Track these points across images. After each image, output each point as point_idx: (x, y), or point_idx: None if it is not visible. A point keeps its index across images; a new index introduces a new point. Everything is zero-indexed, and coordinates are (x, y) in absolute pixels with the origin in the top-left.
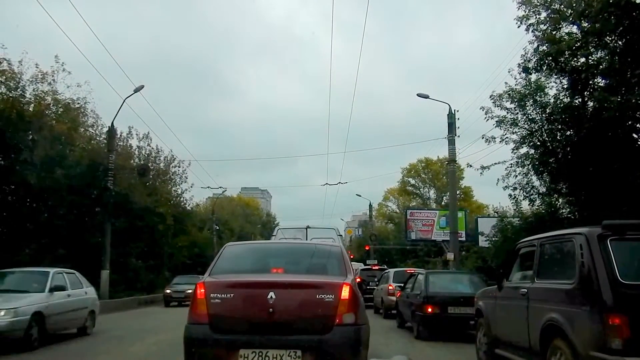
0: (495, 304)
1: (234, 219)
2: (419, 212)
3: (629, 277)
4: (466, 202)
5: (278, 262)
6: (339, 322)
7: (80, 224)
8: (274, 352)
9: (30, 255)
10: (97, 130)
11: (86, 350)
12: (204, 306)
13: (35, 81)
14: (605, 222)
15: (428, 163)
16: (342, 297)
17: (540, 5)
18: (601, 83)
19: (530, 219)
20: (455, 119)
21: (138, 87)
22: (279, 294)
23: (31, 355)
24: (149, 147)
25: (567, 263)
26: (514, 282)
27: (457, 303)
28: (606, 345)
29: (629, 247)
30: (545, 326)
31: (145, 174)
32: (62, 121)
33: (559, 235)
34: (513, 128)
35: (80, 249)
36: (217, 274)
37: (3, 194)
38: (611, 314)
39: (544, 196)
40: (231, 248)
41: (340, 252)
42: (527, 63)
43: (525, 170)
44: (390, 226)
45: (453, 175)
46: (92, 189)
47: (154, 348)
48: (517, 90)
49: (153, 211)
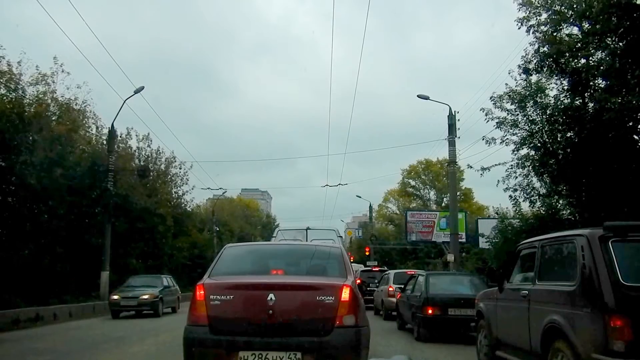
0: (496, 306)
1: (234, 220)
2: (419, 214)
3: (630, 279)
4: (466, 204)
5: (278, 263)
6: (339, 323)
7: (80, 225)
8: (274, 354)
9: (30, 255)
10: (97, 131)
11: (87, 350)
12: (204, 307)
13: (35, 82)
14: (607, 223)
15: (428, 164)
16: (342, 298)
17: (541, 7)
18: (602, 84)
19: (530, 221)
20: (456, 120)
21: (138, 88)
22: (278, 295)
23: None
24: (149, 149)
25: (569, 265)
26: (514, 284)
27: (458, 305)
28: (608, 348)
29: (631, 248)
30: (547, 328)
31: (145, 175)
32: (62, 122)
33: (560, 237)
34: (513, 129)
35: (80, 250)
36: (217, 275)
37: (3, 194)
38: (613, 315)
39: (544, 197)
40: (231, 249)
41: (341, 253)
42: (528, 64)
43: (526, 171)
44: (390, 227)
45: (453, 177)
46: (92, 190)
47: (153, 349)
48: (518, 92)
49: (153, 212)
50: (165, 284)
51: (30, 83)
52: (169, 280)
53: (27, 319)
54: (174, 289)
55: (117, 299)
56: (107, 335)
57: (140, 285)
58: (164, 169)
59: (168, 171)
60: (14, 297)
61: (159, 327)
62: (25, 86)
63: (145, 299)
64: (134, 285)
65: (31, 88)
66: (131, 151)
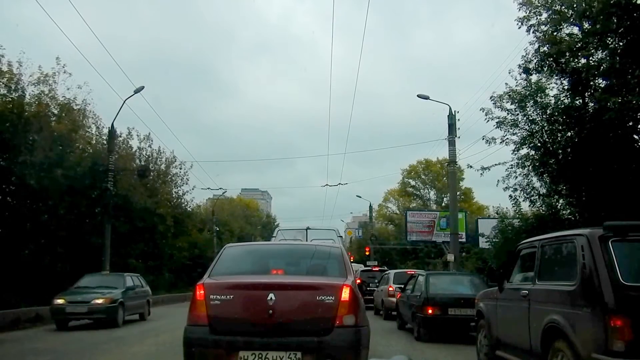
0: (496, 306)
1: (234, 220)
2: (419, 213)
3: (630, 279)
4: (466, 204)
5: (278, 263)
6: (339, 323)
7: (80, 225)
8: (274, 354)
9: (30, 255)
10: (98, 131)
11: (86, 350)
12: (204, 307)
13: (36, 82)
14: (607, 223)
15: (428, 164)
16: (342, 298)
17: (541, 6)
18: (602, 84)
19: (530, 220)
20: (456, 119)
21: (138, 88)
22: (278, 295)
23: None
24: (150, 149)
25: (569, 264)
26: (514, 284)
27: (458, 304)
28: (608, 348)
29: (631, 248)
30: (547, 328)
31: (145, 175)
32: (62, 122)
33: (560, 237)
34: (513, 129)
35: (80, 250)
36: (217, 275)
37: (3, 194)
38: (613, 315)
39: (544, 197)
40: (231, 249)
41: (341, 253)
42: (528, 64)
43: (526, 171)
44: (390, 227)
45: (453, 177)
46: (93, 190)
47: (153, 349)
48: (518, 91)
49: (153, 212)
50: (130, 285)
51: (31, 83)
52: (136, 280)
53: (27, 319)
54: (141, 290)
55: (61, 304)
56: (107, 335)
57: (96, 286)
58: (164, 169)
59: (168, 171)
60: (14, 297)
61: (159, 327)
62: (26, 86)
63: (99, 305)
64: (88, 287)
65: (31, 88)
66: (132, 151)
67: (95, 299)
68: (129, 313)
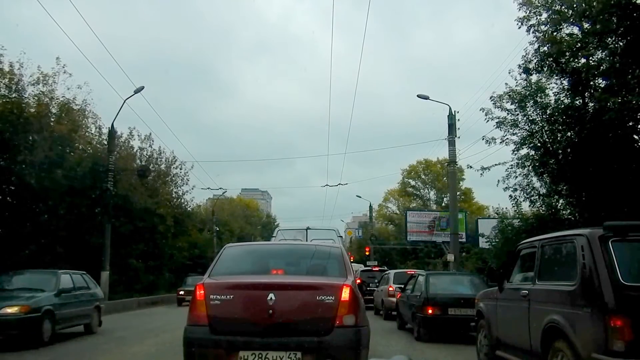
0: (496, 306)
1: (234, 220)
2: (419, 213)
3: (630, 279)
4: (466, 204)
5: (278, 263)
6: (339, 323)
7: (80, 225)
8: (274, 354)
9: (30, 255)
10: (98, 131)
11: (86, 350)
12: (204, 307)
13: (36, 82)
14: (607, 223)
15: (428, 164)
16: (342, 298)
17: (541, 6)
18: (602, 84)
19: (530, 220)
20: (456, 120)
21: (138, 88)
22: (278, 295)
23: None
24: (151, 149)
25: (569, 264)
26: (514, 284)
27: (458, 304)
28: (608, 347)
29: (631, 248)
30: (547, 328)
31: (145, 175)
32: (62, 123)
33: (560, 237)
34: (513, 129)
35: (80, 250)
36: (217, 275)
37: (3, 194)
38: (613, 315)
39: (544, 197)
40: (231, 249)
41: (341, 253)
42: (528, 64)
43: (526, 171)
44: (390, 227)
45: (453, 177)
46: (93, 190)
47: (153, 349)
48: (518, 91)
49: (153, 212)
50: (65, 286)
51: (31, 83)
52: (79, 279)
53: None
54: (87, 294)
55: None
56: (108, 334)
57: (16, 287)
58: (164, 169)
59: (169, 171)
60: None
61: (159, 327)
62: (26, 86)
63: (10, 315)
64: (6, 289)
65: (31, 88)
66: (133, 151)
67: (7, 307)
68: (64, 325)
